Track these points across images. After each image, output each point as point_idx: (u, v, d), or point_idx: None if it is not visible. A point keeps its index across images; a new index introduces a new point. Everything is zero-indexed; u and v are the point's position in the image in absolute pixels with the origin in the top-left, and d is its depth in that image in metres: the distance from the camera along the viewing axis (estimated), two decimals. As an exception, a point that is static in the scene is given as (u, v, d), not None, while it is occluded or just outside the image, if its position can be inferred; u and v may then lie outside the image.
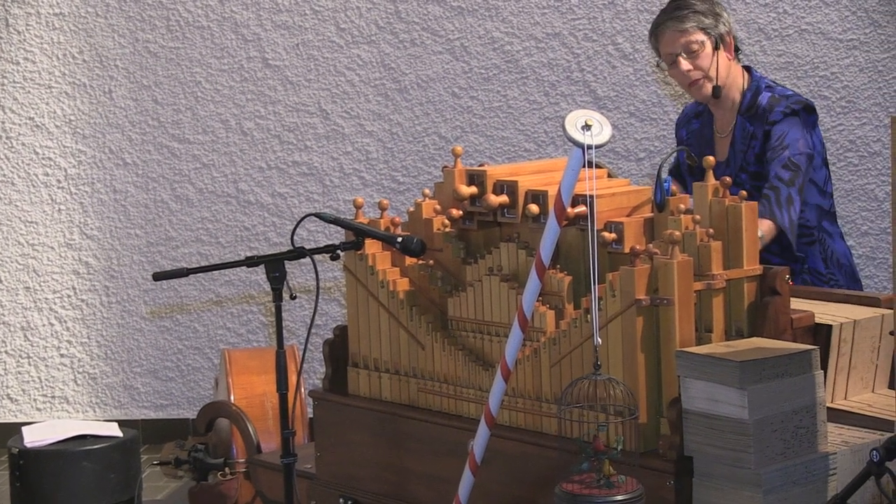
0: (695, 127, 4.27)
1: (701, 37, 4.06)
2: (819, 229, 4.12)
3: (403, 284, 3.56)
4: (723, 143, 4.14)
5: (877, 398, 3.33)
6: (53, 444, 4.64)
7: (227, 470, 4.37)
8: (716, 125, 4.20)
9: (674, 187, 3.36)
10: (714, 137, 4.19)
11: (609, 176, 3.64)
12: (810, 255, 4.12)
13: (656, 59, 4.21)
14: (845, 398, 3.29)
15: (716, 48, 4.07)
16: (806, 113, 4.06)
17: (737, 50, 4.17)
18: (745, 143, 4.07)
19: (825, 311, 3.34)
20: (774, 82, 4.20)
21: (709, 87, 4.10)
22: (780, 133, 4.00)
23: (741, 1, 5.37)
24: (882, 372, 3.38)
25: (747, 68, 4.19)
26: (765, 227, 3.85)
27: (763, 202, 3.90)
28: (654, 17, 4.19)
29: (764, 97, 4.08)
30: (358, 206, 3.65)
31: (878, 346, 3.34)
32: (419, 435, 3.51)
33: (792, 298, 3.29)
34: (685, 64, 4.07)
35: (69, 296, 5.97)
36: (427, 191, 3.62)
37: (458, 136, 5.69)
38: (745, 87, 4.12)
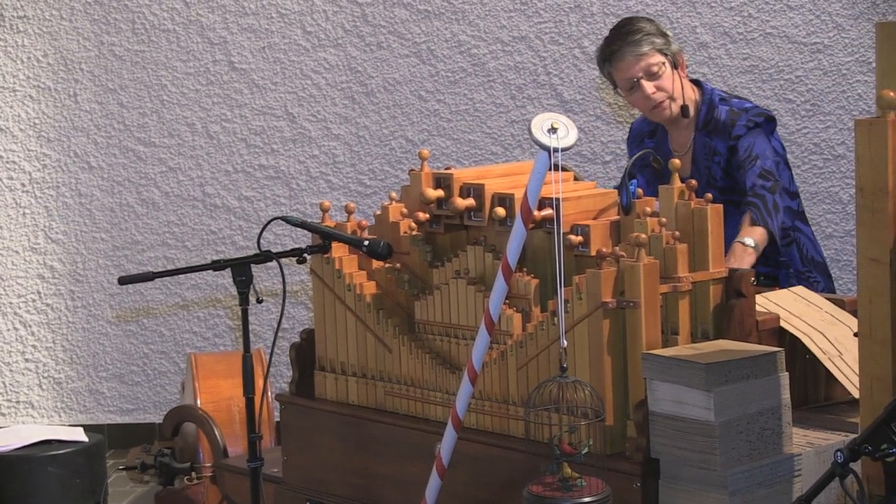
0: (648, 146, 4.26)
1: (660, 58, 4.05)
2: (794, 229, 4.15)
3: (370, 288, 3.56)
4: (683, 160, 4.14)
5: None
6: (18, 449, 4.61)
7: (193, 474, 4.36)
8: (672, 143, 4.20)
9: (639, 190, 3.37)
10: (672, 155, 4.19)
11: (575, 179, 3.65)
12: (790, 255, 4.14)
13: (609, 84, 4.18)
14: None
15: (674, 67, 4.08)
16: (767, 122, 4.08)
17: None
18: (707, 158, 4.08)
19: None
20: (726, 93, 4.21)
21: (674, 108, 4.09)
22: (747, 145, 4.02)
23: (706, 4, 5.40)
24: (853, 321, 3.39)
25: (697, 82, 4.20)
26: (757, 236, 3.86)
27: (752, 210, 3.91)
28: (608, 34, 4.14)
29: (721, 111, 4.09)
30: (324, 210, 3.65)
31: (828, 313, 3.36)
32: (386, 438, 3.51)
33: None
34: (649, 87, 4.05)
35: (34, 300, 5.94)
36: (394, 194, 3.62)
37: (424, 139, 5.69)
38: (699, 101, 4.13)
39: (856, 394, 3.16)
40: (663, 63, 4.05)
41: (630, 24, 4.10)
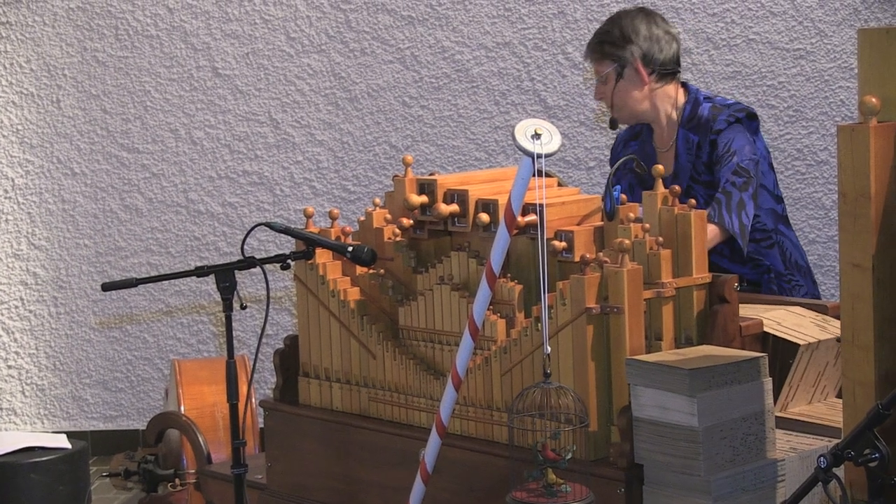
0: (633, 149, 4.28)
1: (607, 66, 4.12)
2: (776, 232, 4.16)
3: (354, 294, 3.56)
4: (666, 157, 4.17)
5: (815, 408, 3.37)
6: (0, 456, 4.60)
7: (177, 481, 4.35)
8: (655, 142, 4.22)
9: (623, 196, 3.37)
10: (656, 153, 4.21)
11: (559, 185, 3.66)
12: (771, 258, 4.15)
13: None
14: (783, 410, 3.33)
15: (618, 78, 4.11)
16: (749, 120, 4.09)
17: (672, 71, 4.15)
18: (690, 153, 4.10)
19: (782, 323, 3.37)
20: (711, 93, 4.24)
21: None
22: (727, 141, 4.03)
23: (690, 11, 5.41)
24: (830, 384, 3.42)
25: (683, 84, 4.22)
26: (709, 233, 3.87)
27: (713, 206, 3.92)
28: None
29: (704, 108, 4.11)
30: (308, 216, 3.65)
31: (831, 362, 3.38)
32: (370, 444, 3.50)
33: (742, 305, 3.32)
34: (597, 91, 4.20)
35: (17, 307, 5.92)
36: (378, 200, 3.63)
37: (408, 145, 5.69)
38: (683, 101, 4.15)
39: (800, 342, 3.21)
40: (609, 73, 4.11)
41: (607, 23, 4.19)
